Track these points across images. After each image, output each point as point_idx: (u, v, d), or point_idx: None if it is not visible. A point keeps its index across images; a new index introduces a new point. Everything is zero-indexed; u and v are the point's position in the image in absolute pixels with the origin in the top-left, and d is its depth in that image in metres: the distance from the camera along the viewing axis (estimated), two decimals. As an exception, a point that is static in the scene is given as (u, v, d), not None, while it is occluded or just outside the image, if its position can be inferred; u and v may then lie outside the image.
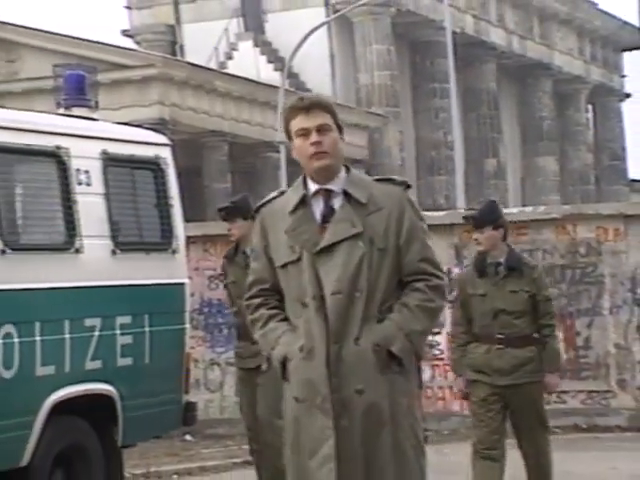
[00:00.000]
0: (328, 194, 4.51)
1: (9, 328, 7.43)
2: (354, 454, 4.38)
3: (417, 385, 4.65)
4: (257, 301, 4.67)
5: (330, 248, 4.44)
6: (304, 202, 4.51)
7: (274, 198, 4.65)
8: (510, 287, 7.83)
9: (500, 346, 7.77)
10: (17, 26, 31.11)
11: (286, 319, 4.57)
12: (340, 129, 4.54)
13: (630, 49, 53.52)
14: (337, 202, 4.50)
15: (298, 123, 4.48)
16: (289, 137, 4.55)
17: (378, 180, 4.63)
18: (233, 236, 8.65)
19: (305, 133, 4.47)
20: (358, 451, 4.39)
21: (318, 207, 4.51)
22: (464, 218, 8.20)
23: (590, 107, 51.93)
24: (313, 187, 4.53)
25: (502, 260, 7.88)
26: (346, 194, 4.49)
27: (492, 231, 7.87)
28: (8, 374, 7.40)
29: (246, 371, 8.52)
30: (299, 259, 4.48)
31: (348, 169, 4.57)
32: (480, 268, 7.90)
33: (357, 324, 4.40)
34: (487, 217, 7.97)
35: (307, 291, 4.45)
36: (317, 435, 4.40)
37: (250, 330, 8.14)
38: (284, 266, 4.53)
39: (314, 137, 4.45)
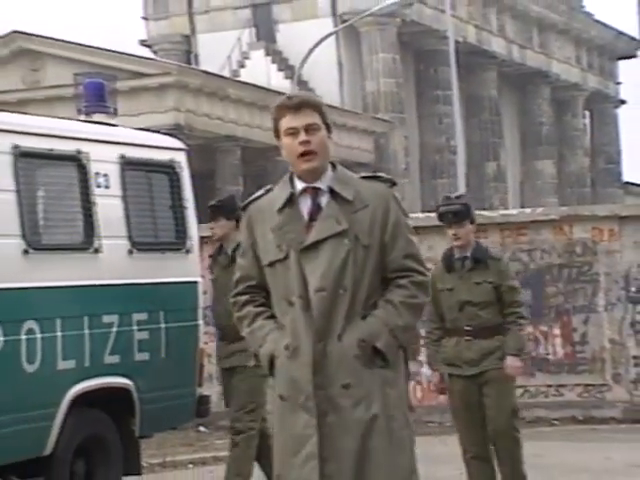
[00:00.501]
0: (315, 192, 4.36)
1: (31, 324, 7.44)
2: (343, 449, 4.22)
3: (405, 377, 4.48)
4: (244, 298, 4.50)
5: (316, 245, 4.29)
6: (291, 200, 4.36)
7: (261, 196, 4.49)
8: (475, 279, 7.65)
9: (468, 338, 7.60)
10: (40, 37, 31.17)
11: (273, 316, 4.41)
12: (329, 128, 4.40)
13: (625, 57, 53.53)
14: (324, 200, 4.35)
15: (287, 122, 4.34)
16: (277, 136, 4.40)
17: (364, 177, 4.48)
18: (215, 235, 8.41)
19: (294, 132, 4.32)
20: (349, 445, 4.22)
21: (305, 205, 4.36)
22: (442, 215, 7.82)
23: (587, 113, 51.92)
24: (300, 185, 4.37)
25: (468, 254, 7.73)
26: (332, 192, 4.34)
27: (469, 225, 7.74)
28: (31, 368, 7.41)
29: (222, 370, 8.41)
30: (286, 257, 4.33)
31: (334, 166, 4.41)
32: (448, 263, 7.75)
33: (341, 321, 4.27)
34: (467, 212, 7.80)
35: (293, 290, 4.30)
36: (300, 433, 4.24)
37: (228, 331, 7.93)
38: (271, 264, 4.38)
39: (302, 136, 4.30)
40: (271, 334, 4.35)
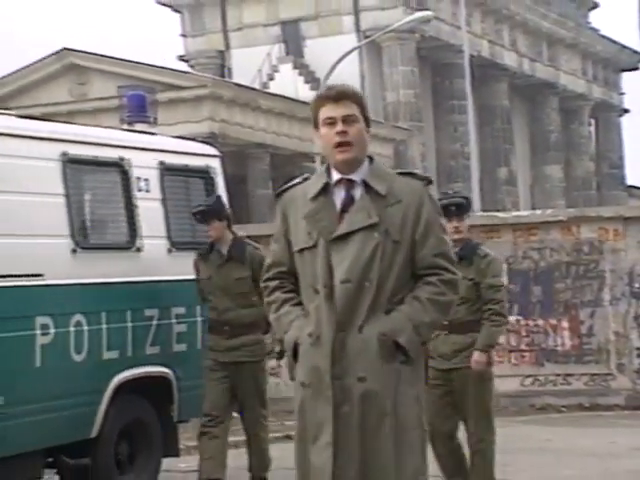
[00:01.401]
0: (350, 184, 4.11)
1: (79, 317, 7.47)
2: (352, 439, 3.98)
3: (424, 377, 4.16)
4: (274, 284, 4.24)
5: (345, 237, 4.03)
6: (326, 190, 4.11)
7: (297, 184, 4.25)
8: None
9: (445, 332, 7.14)
10: (87, 53, 31.30)
11: (300, 303, 4.16)
12: (367, 121, 4.15)
13: (628, 70, 53.32)
14: (357, 192, 4.10)
15: (325, 112, 4.08)
16: (316, 125, 4.14)
17: (400, 173, 4.22)
18: (211, 237, 8.03)
19: (332, 122, 4.07)
20: (357, 439, 3.98)
21: (339, 196, 4.10)
22: (444, 208, 7.20)
23: (592, 121, 51.72)
24: (336, 176, 4.13)
25: (457, 250, 7.31)
26: (366, 185, 4.09)
27: (466, 220, 7.47)
28: (79, 358, 7.44)
29: (219, 364, 7.97)
30: (315, 245, 4.06)
31: (372, 160, 4.16)
32: None
33: (363, 313, 4.00)
34: (468, 206, 7.57)
35: (319, 278, 4.04)
36: (319, 421, 4.00)
37: (221, 326, 7.89)
38: (301, 251, 4.12)
39: (340, 127, 4.05)
40: (297, 321, 4.12)
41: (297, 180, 4.28)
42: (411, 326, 4.01)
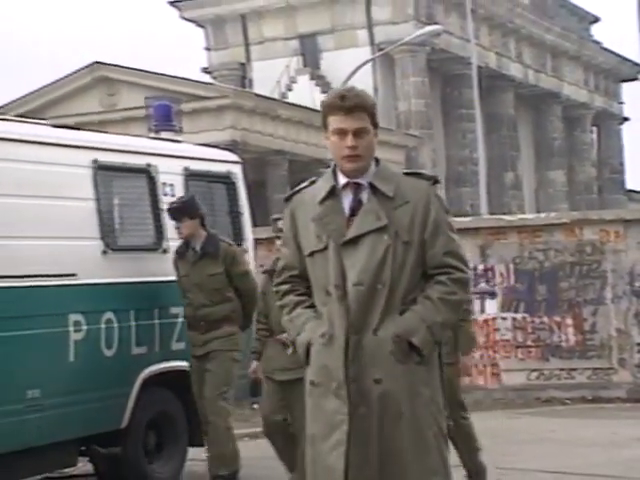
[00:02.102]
0: (357, 187, 3.90)
1: (110, 315, 7.49)
2: (370, 441, 3.76)
3: (440, 375, 3.95)
4: (286, 287, 4.04)
5: (355, 240, 3.82)
6: (333, 193, 3.90)
7: (304, 187, 4.05)
8: None
9: None
10: (117, 66, 31.36)
11: (313, 306, 3.96)
12: (376, 127, 3.92)
13: (628, 80, 53.11)
14: (365, 195, 3.88)
15: (337, 122, 3.85)
16: (325, 127, 3.93)
17: (407, 174, 3.99)
18: (182, 235, 7.78)
19: (342, 133, 3.84)
20: (374, 439, 3.77)
21: (347, 199, 3.89)
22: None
23: (594, 129, 51.54)
24: (343, 180, 3.91)
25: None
26: (373, 187, 3.87)
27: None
28: (109, 353, 7.46)
29: (196, 358, 7.79)
30: (326, 248, 3.86)
31: (378, 162, 3.94)
32: None
33: (377, 315, 3.79)
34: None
35: (331, 281, 3.84)
36: (330, 419, 3.79)
37: (197, 322, 7.67)
38: (311, 254, 3.91)
39: (350, 141, 3.83)
40: (309, 323, 3.92)
41: (305, 184, 4.08)
42: (425, 326, 3.81)
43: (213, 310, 7.71)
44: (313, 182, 4.04)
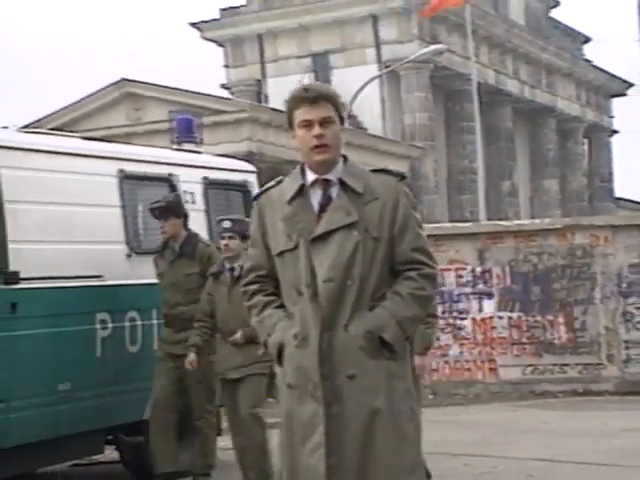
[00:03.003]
0: (326, 184, 3.62)
1: (133, 314, 7.50)
2: (347, 440, 3.47)
3: (412, 369, 3.74)
4: (254, 287, 3.72)
5: (325, 236, 3.54)
6: (302, 191, 3.62)
7: (272, 187, 3.75)
8: None
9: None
10: (143, 83, 31.43)
11: (282, 306, 3.65)
12: (342, 120, 3.67)
13: (617, 95, 53.05)
14: (334, 191, 3.60)
15: (302, 114, 3.60)
16: (290, 125, 3.67)
17: (375, 171, 3.70)
18: (166, 233, 7.44)
19: (308, 124, 3.58)
20: (352, 437, 3.47)
21: (316, 197, 3.61)
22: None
23: (585, 141, 51.44)
24: (311, 177, 3.63)
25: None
26: (342, 183, 3.59)
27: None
28: (133, 349, 7.46)
29: (169, 355, 7.38)
30: (296, 247, 3.57)
31: (345, 159, 3.67)
32: None
33: (348, 312, 3.51)
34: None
35: (302, 279, 3.54)
36: (308, 422, 3.49)
37: (172, 320, 7.34)
38: (281, 254, 3.62)
39: (317, 130, 3.57)
40: (280, 323, 3.60)
41: (271, 183, 3.77)
42: (394, 322, 3.54)
43: (187, 309, 7.34)
44: (280, 182, 3.76)
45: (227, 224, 7.10)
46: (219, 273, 7.10)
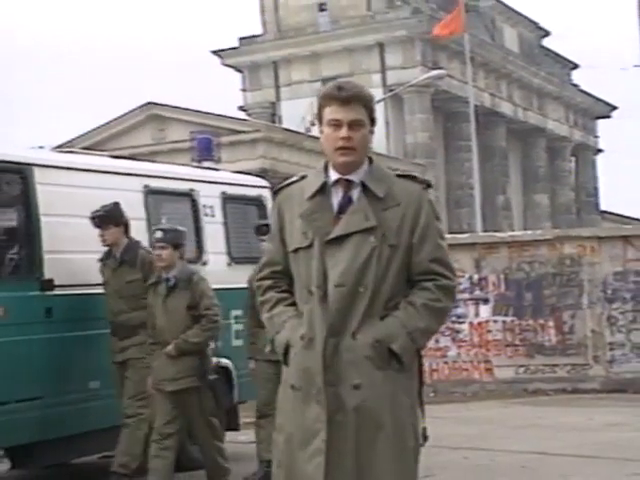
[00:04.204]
0: (348, 184, 3.23)
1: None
2: (348, 451, 3.12)
3: (419, 383, 3.31)
4: (267, 283, 3.37)
5: (341, 239, 3.16)
6: (323, 190, 3.24)
7: (294, 182, 3.36)
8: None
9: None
10: (166, 105, 31.53)
11: (294, 304, 3.29)
12: (373, 122, 3.28)
13: (602, 117, 53.03)
14: (355, 193, 3.23)
15: (332, 113, 3.19)
16: (320, 121, 3.26)
17: (400, 176, 3.31)
18: (105, 242, 6.86)
19: (337, 124, 3.19)
20: (353, 449, 3.12)
21: (337, 197, 3.23)
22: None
23: (573, 158, 51.36)
24: (334, 176, 3.25)
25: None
26: (364, 186, 3.22)
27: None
28: None
29: (115, 364, 6.88)
30: (311, 245, 3.19)
31: (371, 161, 3.29)
32: None
33: (357, 319, 3.15)
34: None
35: (313, 280, 3.18)
36: (310, 426, 3.14)
37: (115, 328, 6.74)
38: (295, 251, 3.25)
39: (344, 132, 3.17)
40: (289, 322, 3.25)
41: (295, 178, 3.39)
42: (405, 332, 3.16)
43: (130, 316, 6.78)
44: (304, 177, 3.36)
45: (159, 234, 6.52)
46: (157, 283, 6.59)
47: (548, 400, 12.51)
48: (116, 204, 6.91)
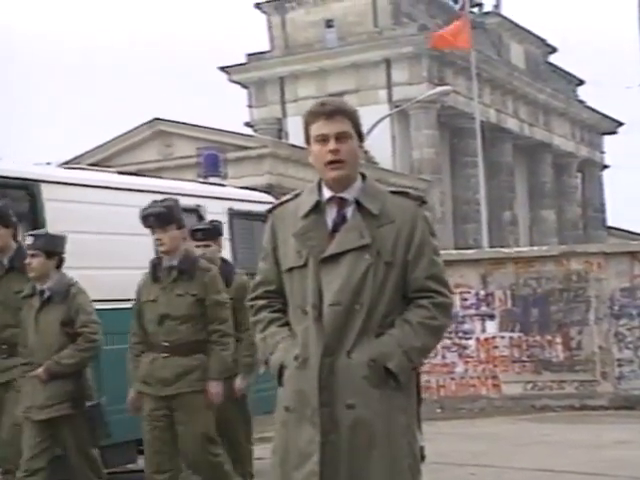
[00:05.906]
0: (342, 202, 3.18)
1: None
2: (342, 472, 3.05)
3: (416, 401, 3.27)
4: (260, 303, 3.30)
5: (336, 257, 3.10)
6: (317, 208, 3.19)
7: (287, 200, 3.32)
8: (178, 291, 5.51)
9: (165, 354, 5.43)
10: (173, 122, 31.63)
11: (287, 324, 3.23)
12: (361, 136, 3.25)
13: (608, 133, 53.07)
14: (349, 211, 3.17)
15: (318, 128, 3.19)
16: (307, 141, 3.25)
17: (394, 192, 3.25)
18: None
19: (324, 139, 3.17)
20: (347, 470, 3.05)
21: (331, 215, 3.18)
22: (146, 217, 5.66)
23: (579, 174, 51.38)
24: (327, 194, 3.20)
25: (175, 262, 5.61)
26: (358, 204, 3.16)
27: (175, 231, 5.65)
28: None
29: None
30: (305, 265, 3.14)
31: (364, 177, 3.24)
32: (153, 273, 5.61)
33: (353, 337, 3.08)
34: (169, 216, 5.67)
35: (308, 299, 3.12)
36: (304, 448, 3.07)
37: (1, 344, 5.67)
38: (290, 270, 3.19)
39: (332, 145, 3.15)
40: (283, 342, 3.18)
41: (288, 196, 3.35)
42: (401, 351, 3.09)
43: (17, 332, 5.69)
44: (297, 195, 3.32)
45: (29, 240, 5.56)
46: (31, 296, 5.61)
47: (556, 417, 12.46)
48: (4, 204, 5.99)
